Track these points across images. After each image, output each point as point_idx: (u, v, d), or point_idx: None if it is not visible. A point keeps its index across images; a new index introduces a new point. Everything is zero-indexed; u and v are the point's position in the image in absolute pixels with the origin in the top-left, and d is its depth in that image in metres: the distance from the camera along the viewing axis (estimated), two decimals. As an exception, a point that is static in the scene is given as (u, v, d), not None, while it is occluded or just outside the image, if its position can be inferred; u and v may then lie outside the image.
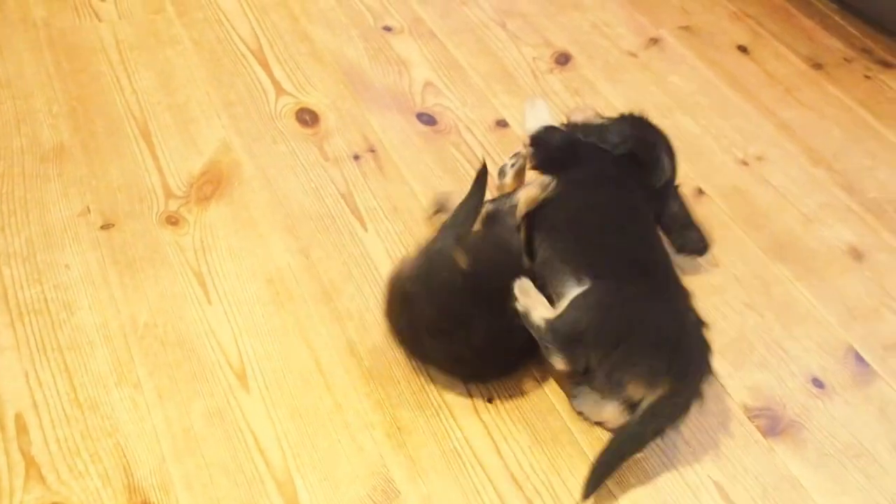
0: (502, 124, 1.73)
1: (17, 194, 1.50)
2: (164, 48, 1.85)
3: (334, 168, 1.62)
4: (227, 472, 1.17)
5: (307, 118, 1.72)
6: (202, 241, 1.46)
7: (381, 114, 1.73)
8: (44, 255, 1.41)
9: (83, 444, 1.18)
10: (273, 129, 1.69)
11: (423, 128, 1.72)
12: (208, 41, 1.88)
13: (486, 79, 1.86)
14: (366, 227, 1.51)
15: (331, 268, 1.44)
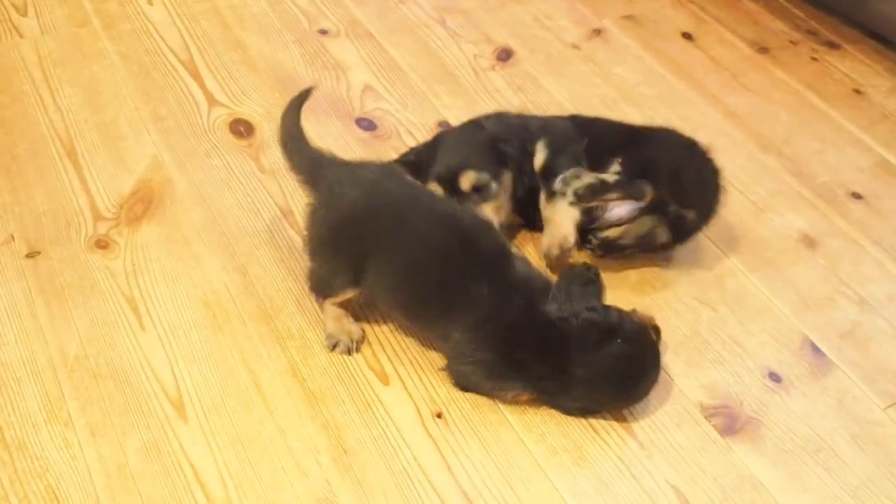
0: (444, 126, 1.68)
1: (-64, 225, 1.44)
2: (89, 63, 1.78)
3: (271, 180, 1.57)
4: (165, 509, 1.12)
5: (242, 129, 1.66)
6: (134, 265, 1.40)
7: (318, 121, 1.67)
8: (-34, 289, 1.35)
9: (11, 489, 1.13)
10: (206, 143, 1.63)
11: (363, 133, 1.67)
12: (136, 54, 1.81)
13: (426, 79, 1.81)
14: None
15: (269, 285, 1.39)
